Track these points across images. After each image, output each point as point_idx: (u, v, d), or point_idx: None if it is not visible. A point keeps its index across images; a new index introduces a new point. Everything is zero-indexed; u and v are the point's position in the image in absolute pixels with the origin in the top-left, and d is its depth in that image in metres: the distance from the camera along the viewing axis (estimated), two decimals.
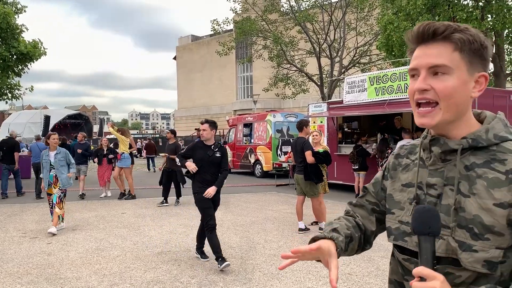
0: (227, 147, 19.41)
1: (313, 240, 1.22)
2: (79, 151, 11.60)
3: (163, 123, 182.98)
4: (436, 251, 1.05)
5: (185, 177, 5.78)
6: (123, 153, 10.89)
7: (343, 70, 21.92)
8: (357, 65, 22.33)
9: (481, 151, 1.08)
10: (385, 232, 1.30)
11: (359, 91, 11.93)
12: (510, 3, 12.77)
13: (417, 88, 1.08)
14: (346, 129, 13.44)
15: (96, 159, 11.49)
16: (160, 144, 33.91)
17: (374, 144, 11.64)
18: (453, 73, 1.06)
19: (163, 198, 10.12)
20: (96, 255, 5.88)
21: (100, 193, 11.80)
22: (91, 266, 5.37)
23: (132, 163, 11.43)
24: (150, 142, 24.20)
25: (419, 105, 1.11)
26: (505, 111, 10.15)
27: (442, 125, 1.10)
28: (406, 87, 10.28)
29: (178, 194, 10.31)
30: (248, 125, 18.48)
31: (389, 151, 10.44)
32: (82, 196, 11.33)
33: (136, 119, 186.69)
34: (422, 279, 0.94)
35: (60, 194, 7.29)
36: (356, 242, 1.30)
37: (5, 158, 12.07)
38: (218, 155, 5.34)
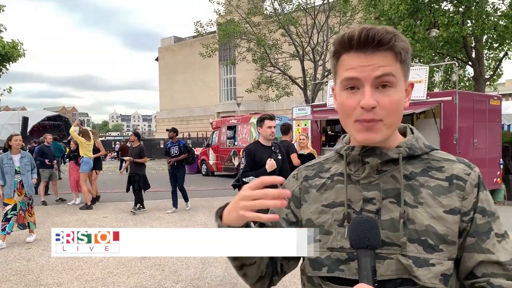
0: (210, 149, 19.34)
1: None
2: (47, 161, 10.95)
3: (144, 125, 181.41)
4: (384, 273, 0.95)
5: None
6: (82, 157, 10.40)
7: (326, 73, 22.08)
8: None
9: (415, 160, 1.03)
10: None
11: None
12: (489, 9, 13.07)
13: (366, 104, 0.93)
14: (329, 132, 13.53)
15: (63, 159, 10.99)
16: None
17: None
18: (397, 85, 0.96)
19: (139, 204, 9.75)
20: (77, 260, 5.74)
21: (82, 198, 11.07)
22: (73, 272, 5.26)
23: (100, 168, 11.06)
24: (125, 144, 23.14)
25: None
26: (485, 115, 10.38)
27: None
28: None
29: (140, 200, 9.73)
30: (232, 128, 18.44)
31: None
32: (61, 199, 11.10)
33: (117, 121, 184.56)
34: None
35: (29, 201, 6.97)
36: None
37: None
38: (279, 157, 4.67)
